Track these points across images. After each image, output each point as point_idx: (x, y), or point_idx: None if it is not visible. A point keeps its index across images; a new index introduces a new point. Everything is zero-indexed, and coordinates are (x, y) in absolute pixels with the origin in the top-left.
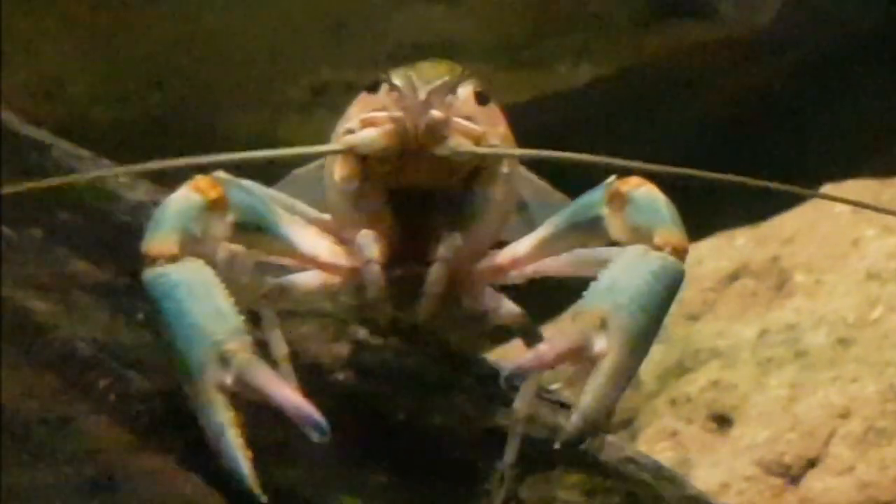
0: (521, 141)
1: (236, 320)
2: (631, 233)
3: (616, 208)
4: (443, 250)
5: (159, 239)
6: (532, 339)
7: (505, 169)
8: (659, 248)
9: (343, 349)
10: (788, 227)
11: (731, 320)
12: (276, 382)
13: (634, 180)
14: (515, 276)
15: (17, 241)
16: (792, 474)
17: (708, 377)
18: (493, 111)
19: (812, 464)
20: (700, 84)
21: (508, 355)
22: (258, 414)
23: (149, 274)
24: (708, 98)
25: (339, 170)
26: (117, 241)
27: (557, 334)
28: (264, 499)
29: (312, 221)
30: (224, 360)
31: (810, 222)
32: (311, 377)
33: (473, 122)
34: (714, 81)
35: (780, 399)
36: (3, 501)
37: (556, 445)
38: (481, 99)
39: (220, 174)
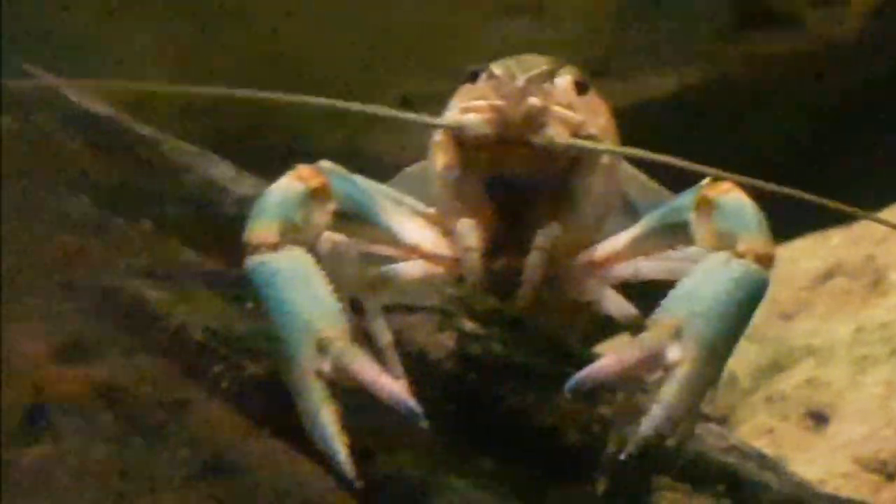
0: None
1: (335, 308)
2: (716, 239)
3: (703, 214)
4: (541, 239)
5: (260, 227)
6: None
7: (605, 160)
8: (742, 256)
9: (449, 339)
10: (882, 226)
11: (826, 319)
12: (372, 370)
13: (724, 186)
14: (613, 278)
15: (128, 231)
16: (888, 471)
17: (803, 375)
18: (594, 101)
19: None
20: (784, 93)
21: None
22: (366, 398)
23: (250, 262)
24: (792, 107)
25: (440, 158)
26: (225, 232)
27: (630, 343)
28: (359, 484)
29: (416, 213)
30: (321, 347)
31: None
32: (416, 366)
33: (572, 111)
34: (799, 91)
35: (876, 396)
36: (122, 482)
37: (622, 457)
38: (581, 88)
39: (325, 163)
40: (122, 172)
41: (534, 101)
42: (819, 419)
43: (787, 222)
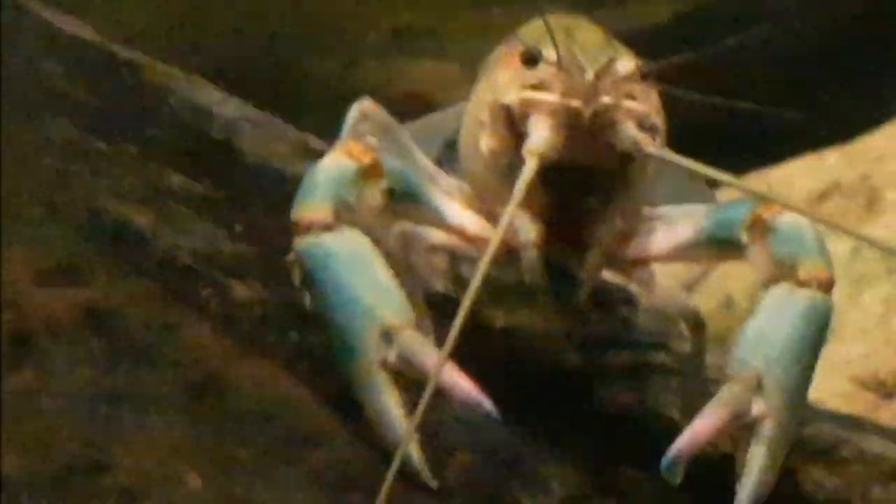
0: None
1: (398, 294)
2: (774, 266)
3: (757, 237)
4: (602, 232)
5: (313, 206)
6: (696, 328)
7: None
8: (804, 284)
9: (441, 262)
10: (879, 145)
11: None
12: (443, 363)
13: (778, 205)
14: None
15: (112, 155)
16: (887, 390)
17: None
18: (650, 84)
19: None
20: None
21: None
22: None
23: (302, 243)
24: (790, 32)
25: (487, 141)
26: (211, 156)
27: (713, 405)
28: (435, 484)
29: (452, 190)
30: (387, 337)
31: None
32: None
33: (636, 100)
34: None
35: (874, 315)
36: (110, 406)
37: None
38: (643, 73)
39: (370, 139)
40: (105, 96)
41: (606, 100)
42: None
43: (782, 142)
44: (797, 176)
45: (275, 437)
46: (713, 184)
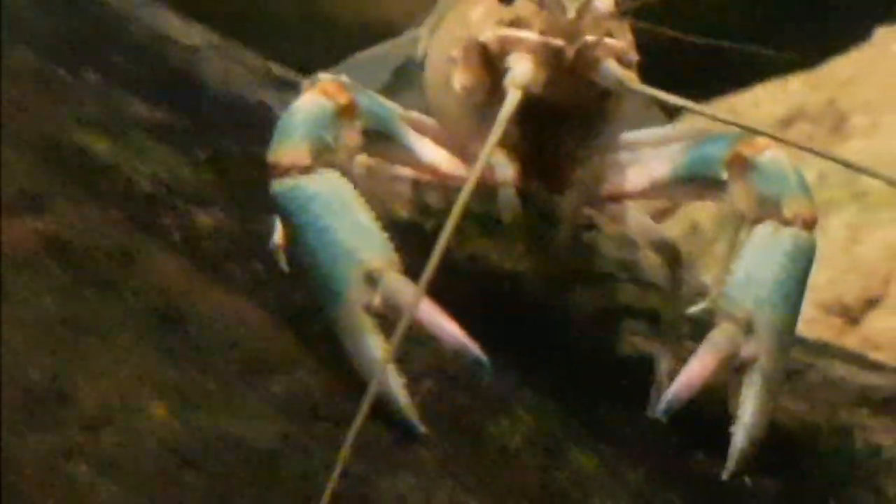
0: None
1: (381, 236)
2: (757, 204)
3: (738, 174)
4: (579, 171)
5: (290, 148)
6: (672, 259)
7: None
8: (788, 222)
9: (405, 189)
10: (845, 69)
11: None
12: (430, 308)
13: (760, 143)
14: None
15: (73, 82)
16: (852, 315)
17: None
18: (623, 19)
19: (872, 304)
20: None
21: None
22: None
23: (280, 186)
24: None
25: (460, 77)
26: (173, 83)
27: (705, 347)
28: (424, 429)
29: (420, 126)
30: (371, 280)
31: (867, 64)
32: None
33: (614, 36)
34: None
35: (840, 240)
36: (72, 335)
37: (725, 476)
38: (620, 9)
39: (344, 78)
40: (64, 23)
41: (589, 38)
42: None
43: (747, 68)
44: (763, 102)
45: (239, 366)
46: (669, 112)
